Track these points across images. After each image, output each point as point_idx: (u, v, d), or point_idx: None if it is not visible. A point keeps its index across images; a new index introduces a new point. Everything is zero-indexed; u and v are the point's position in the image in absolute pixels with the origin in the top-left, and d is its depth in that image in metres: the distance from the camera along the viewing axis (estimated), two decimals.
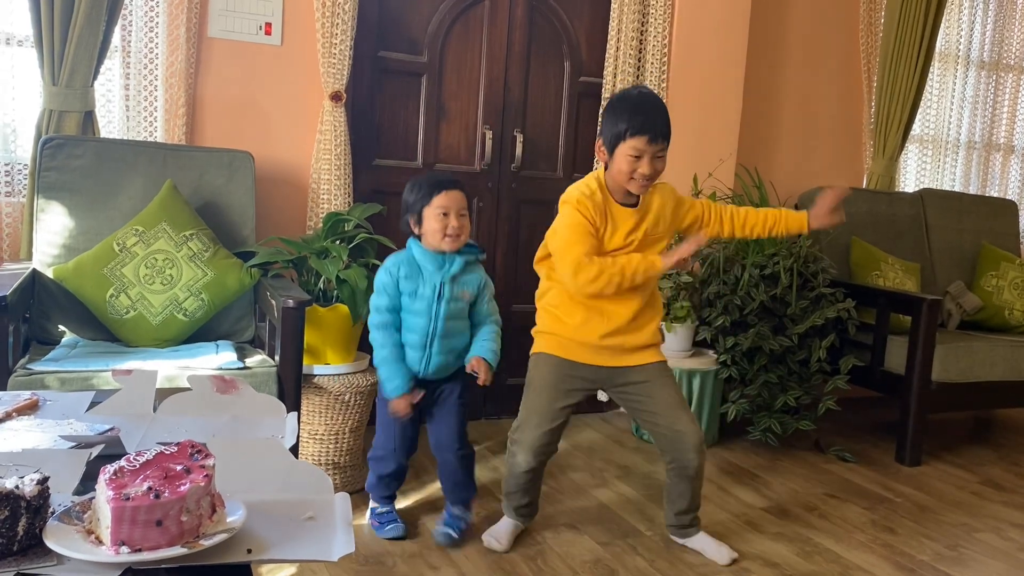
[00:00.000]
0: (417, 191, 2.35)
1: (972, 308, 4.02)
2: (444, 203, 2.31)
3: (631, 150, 2.24)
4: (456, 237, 2.32)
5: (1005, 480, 3.41)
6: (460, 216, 2.33)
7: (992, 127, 4.81)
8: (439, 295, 2.33)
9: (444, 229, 2.31)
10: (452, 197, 2.32)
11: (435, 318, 2.34)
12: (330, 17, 3.10)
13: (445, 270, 2.34)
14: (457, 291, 2.36)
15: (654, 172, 2.27)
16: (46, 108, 2.79)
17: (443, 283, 2.34)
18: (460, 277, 2.37)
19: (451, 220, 2.31)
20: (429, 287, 2.33)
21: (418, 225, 2.35)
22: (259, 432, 1.53)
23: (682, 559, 2.49)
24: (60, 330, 2.60)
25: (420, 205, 2.33)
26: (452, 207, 2.31)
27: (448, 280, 2.34)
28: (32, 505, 1.07)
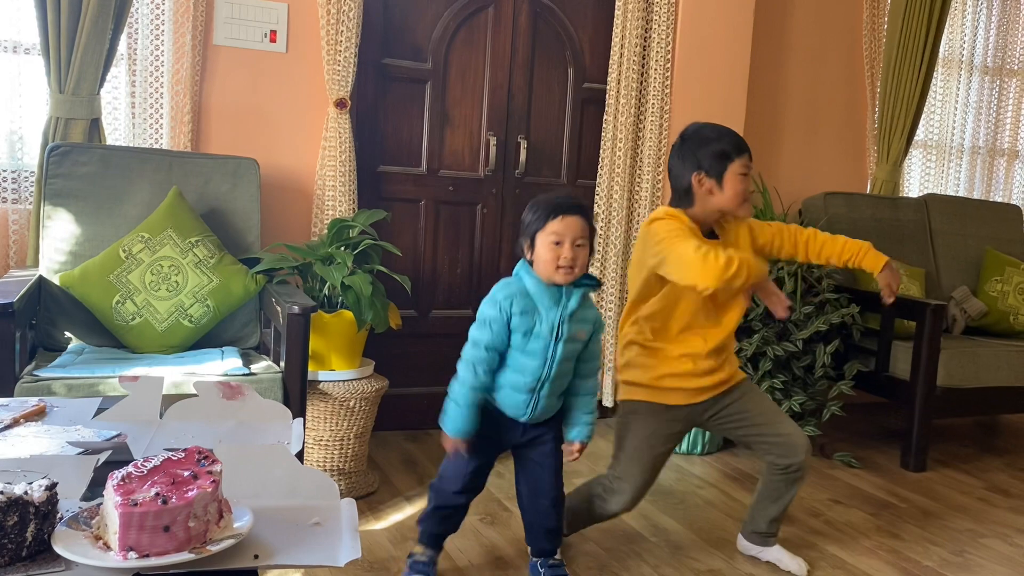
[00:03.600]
0: (534, 212, 2.07)
1: (977, 313, 4.02)
2: (558, 230, 2.01)
3: (742, 168, 2.25)
4: (570, 269, 2.02)
5: (1011, 486, 3.40)
6: (577, 246, 2.02)
7: (996, 132, 4.81)
8: (557, 335, 2.06)
9: (556, 259, 2.01)
10: (569, 224, 2.02)
11: (551, 361, 2.06)
12: (335, 24, 3.11)
13: (563, 305, 2.06)
14: (575, 330, 2.08)
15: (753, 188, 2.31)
16: (52, 115, 2.80)
17: (561, 321, 2.05)
18: (577, 314, 2.08)
19: (564, 250, 2.01)
20: (547, 325, 2.04)
21: (531, 250, 2.07)
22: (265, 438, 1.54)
23: (688, 566, 2.49)
24: (66, 337, 2.61)
25: (534, 228, 2.05)
26: (567, 235, 2.01)
27: (567, 318, 2.06)
28: (40, 511, 1.08)
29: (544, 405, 2.12)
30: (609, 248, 3.64)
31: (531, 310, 2.05)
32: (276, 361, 2.58)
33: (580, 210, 2.05)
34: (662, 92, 3.65)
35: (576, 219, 2.04)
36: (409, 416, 3.55)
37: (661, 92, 3.65)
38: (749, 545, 2.54)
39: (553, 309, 2.05)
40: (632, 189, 3.68)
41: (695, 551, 2.59)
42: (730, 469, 3.36)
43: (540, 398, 2.10)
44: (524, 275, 2.08)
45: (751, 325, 3.38)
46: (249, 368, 2.45)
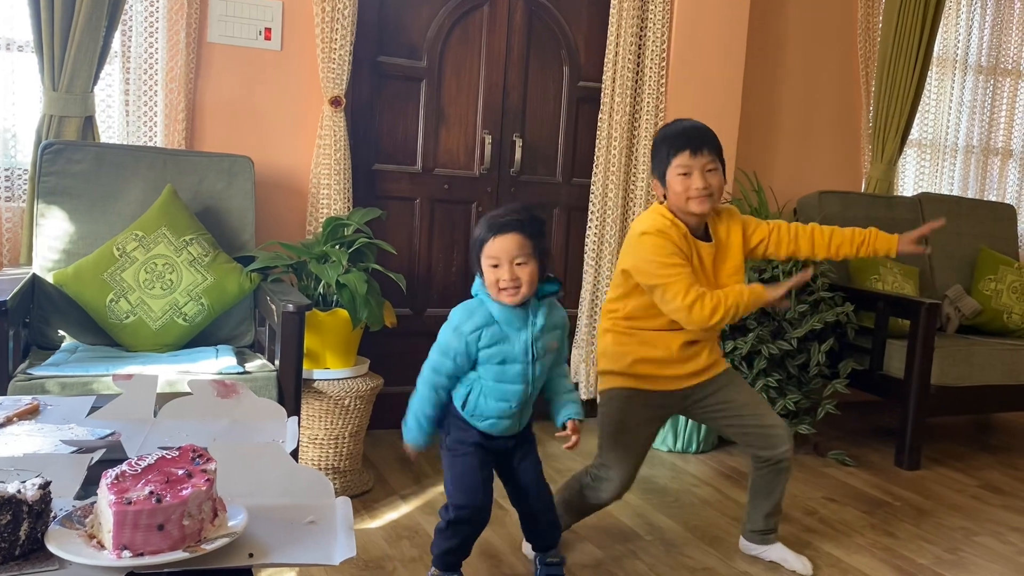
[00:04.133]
0: (476, 233, 1.99)
1: (971, 312, 4.03)
2: (493, 253, 1.94)
3: (679, 168, 2.23)
4: (515, 290, 1.94)
5: (1004, 484, 3.41)
6: (516, 265, 1.92)
7: (990, 131, 4.82)
8: (532, 356, 1.99)
9: (495, 283, 1.94)
10: (501, 244, 1.92)
11: (532, 381, 2.02)
12: (329, 22, 3.11)
13: (532, 325, 1.99)
14: (548, 344, 2.03)
15: (707, 185, 2.23)
16: (46, 113, 2.79)
17: (533, 341, 1.99)
18: (546, 328, 2.01)
19: (502, 272, 1.93)
20: (520, 348, 1.98)
21: (479, 272, 2.00)
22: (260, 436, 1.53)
23: (683, 564, 2.49)
24: (60, 335, 2.60)
25: (476, 252, 1.98)
26: (503, 257, 1.93)
27: (538, 335, 2.00)
28: (34, 510, 1.07)
29: (525, 416, 2.11)
30: (604, 247, 3.64)
31: (501, 338, 1.98)
32: (271, 359, 2.57)
33: (517, 225, 1.94)
34: (657, 91, 3.65)
35: (511, 236, 1.93)
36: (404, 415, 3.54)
37: (656, 91, 3.65)
38: (750, 545, 2.55)
39: (523, 330, 1.98)
40: (627, 188, 3.68)
41: (690, 549, 2.59)
42: (725, 467, 3.37)
43: (523, 416, 2.10)
44: (485, 298, 2.00)
45: (746, 324, 3.39)
46: (244, 366, 2.44)
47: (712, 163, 2.25)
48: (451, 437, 2.10)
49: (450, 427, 2.10)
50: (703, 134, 2.27)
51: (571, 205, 3.78)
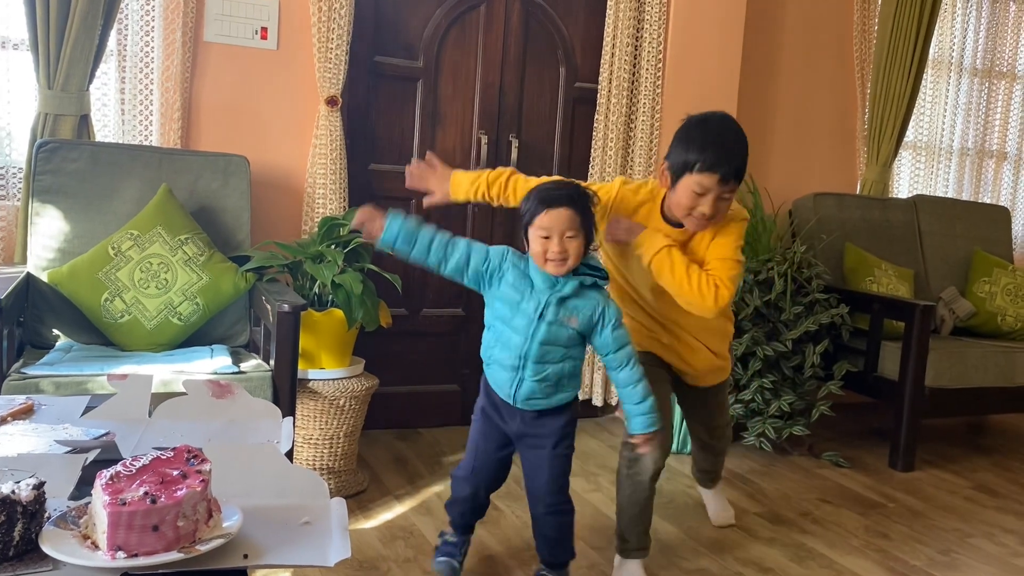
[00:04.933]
0: (526, 204, 2.04)
1: (965, 314, 4.04)
2: (545, 223, 1.97)
3: (696, 186, 2.09)
4: (561, 261, 1.98)
5: (998, 486, 3.42)
6: (567, 239, 1.97)
7: (985, 134, 4.83)
8: (541, 314, 2.01)
9: (544, 253, 1.98)
10: (555, 216, 1.97)
11: (531, 338, 2.02)
12: (326, 22, 3.10)
13: (556, 290, 2.01)
14: (563, 315, 2.02)
15: (715, 213, 2.11)
16: (41, 111, 2.78)
17: (548, 303, 2.01)
18: (570, 301, 2.02)
19: (552, 244, 1.97)
20: (532, 304, 2.02)
21: (526, 241, 2.04)
22: (255, 437, 1.53)
23: (677, 565, 2.50)
24: (54, 334, 2.60)
25: (525, 221, 2.03)
26: (555, 228, 1.97)
27: (555, 301, 2.01)
28: (28, 510, 1.07)
29: (528, 388, 2.06)
30: None
31: (524, 286, 2.03)
32: (266, 359, 2.57)
33: (569, 200, 1.99)
34: (653, 92, 3.65)
35: (563, 211, 1.97)
36: (399, 415, 3.55)
37: (652, 92, 3.65)
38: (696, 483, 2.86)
39: (545, 291, 2.02)
40: None
41: (684, 551, 2.59)
42: None
43: (524, 377, 2.05)
44: (530, 259, 2.06)
45: (741, 325, 3.39)
46: (238, 366, 2.44)
47: (729, 192, 2.12)
48: (477, 401, 2.23)
49: (480, 390, 2.23)
50: (737, 158, 2.12)
51: None
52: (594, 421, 3.86)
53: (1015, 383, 3.68)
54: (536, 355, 2.03)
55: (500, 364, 2.08)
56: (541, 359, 2.04)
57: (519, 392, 2.07)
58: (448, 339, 3.63)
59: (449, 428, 3.60)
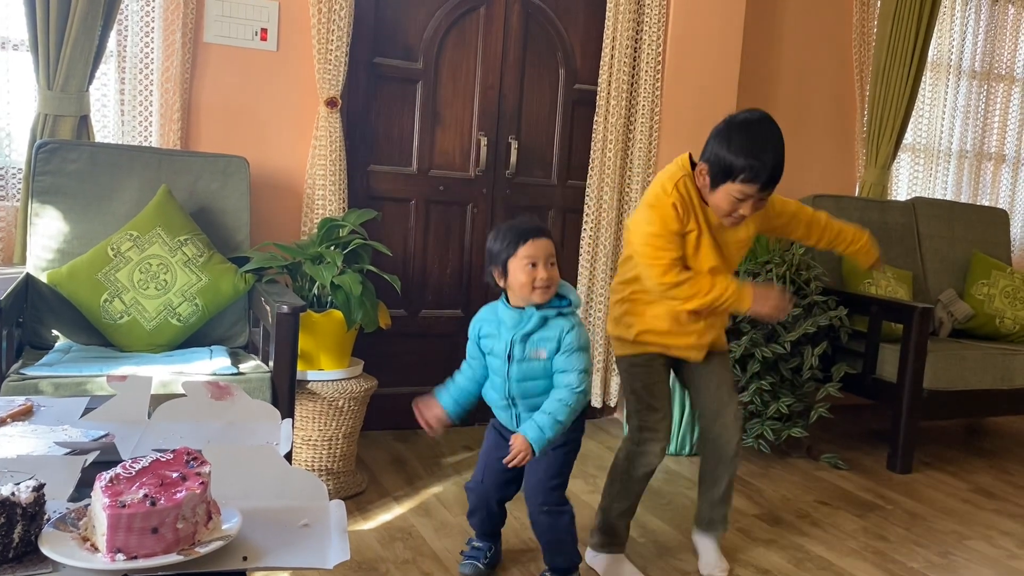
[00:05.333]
0: (501, 240, 2.12)
1: (963, 316, 4.04)
2: (531, 252, 2.08)
3: (737, 193, 2.14)
4: (546, 289, 2.09)
5: (996, 488, 3.43)
6: (549, 266, 2.09)
7: (983, 136, 4.84)
8: (509, 355, 2.12)
9: (532, 281, 2.07)
10: (539, 246, 2.08)
11: (508, 379, 2.14)
12: (326, 23, 3.11)
13: (520, 328, 2.11)
14: (530, 350, 2.11)
15: (751, 215, 2.21)
16: (41, 112, 2.78)
17: (513, 342, 2.11)
18: (535, 335, 2.10)
19: (539, 271, 2.07)
20: (501, 345, 2.13)
21: (503, 277, 2.12)
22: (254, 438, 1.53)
23: (675, 567, 2.50)
24: (54, 335, 2.60)
25: (505, 255, 2.10)
26: (540, 256, 2.08)
27: (519, 339, 2.10)
28: (28, 512, 1.07)
29: (525, 420, 2.12)
30: (599, 249, 3.65)
31: (495, 333, 2.17)
32: (265, 360, 2.57)
33: (547, 233, 2.14)
34: (652, 94, 3.66)
35: (545, 241, 2.11)
36: (398, 416, 3.54)
37: (651, 94, 3.65)
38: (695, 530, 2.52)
39: (510, 331, 2.12)
40: (622, 190, 3.69)
41: (682, 552, 2.60)
42: None
43: (519, 412, 2.18)
44: (500, 300, 2.20)
45: (739, 327, 3.40)
46: (238, 367, 2.44)
47: (767, 195, 2.19)
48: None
49: None
50: (779, 167, 2.16)
51: (566, 207, 3.79)
52: (593, 423, 3.86)
53: (1013, 385, 3.69)
54: (519, 392, 2.15)
55: (495, 404, 2.24)
56: (525, 395, 2.15)
57: (520, 423, 2.18)
58: (447, 340, 3.63)
59: (448, 430, 3.60)
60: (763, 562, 2.56)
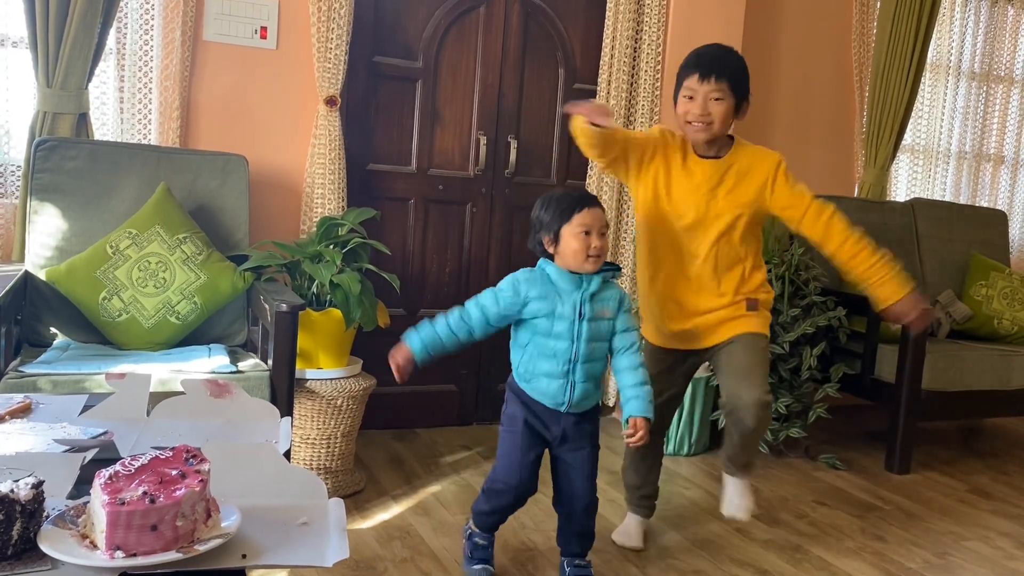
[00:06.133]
0: (555, 208, 2.12)
1: (962, 317, 4.05)
2: (586, 221, 2.08)
3: (685, 91, 2.25)
4: (598, 258, 2.10)
5: (993, 489, 3.43)
6: (601, 235, 2.10)
7: (982, 138, 4.84)
8: (580, 313, 2.10)
9: (587, 249, 2.08)
10: (594, 214, 2.10)
11: (577, 339, 2.10)
12: (325, 22, 3.10)
13: (584, 288, 2.11)
14: (598, 309, 2.12)
15: (705, 112, 2.24)
16: (40, 110, 2.78)
17: (583, 301, 2.10)
18: (599, 294, 2.13)
19: (593, 239, 2.08)
20: (568, 306, 2.10)
21: (554, 244, 2.12)
22: (253, 437, 1.53)
23: (673, 567, 2.50)
24: (52, 332, 2.60)
25: (558, 224, 2.10)
26: (595, 225, 2.09)
27: (588, 298, 2.11)
28: (27, 509, 1.07)
29: (581, 391, 2.14)
30: None
31: (551, 294, 2.11)
32: (263, 359, 2.57)
33: (598, 202, 2.15)
34: (652, 93, 3.66)
35: (598, 210, 2.12)
36: (396, 415, 3.55)
37: (651, 93, 3.65)
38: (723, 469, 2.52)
39: (575, 291, 2.11)
40: (621, 190, 3.69)
41: (680, 552, 2.60)
42: (716, 470, 3.37)
43: (576, 381, 2.13)
44: (545, 265, 2.15)
45: None
46: (236, 366, 2.44)
47: (719, 92, 2.24)
48: (507, 411, 2.23)
49: (507, 399, 2.23)
50: (719, 59, 2.26)
51: None
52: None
53: (1011, 386, 3.69)
54: (585, 355, 2.12)
55: (548, 375, 2.13)
56: (589, 357, 2.13)
57: (574, 396, 2.14)
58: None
59: (446, 428, 3.61)
60: (761, 562, 2.56)
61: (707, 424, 3.55)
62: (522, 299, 2.11)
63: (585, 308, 2.11)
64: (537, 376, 2.14)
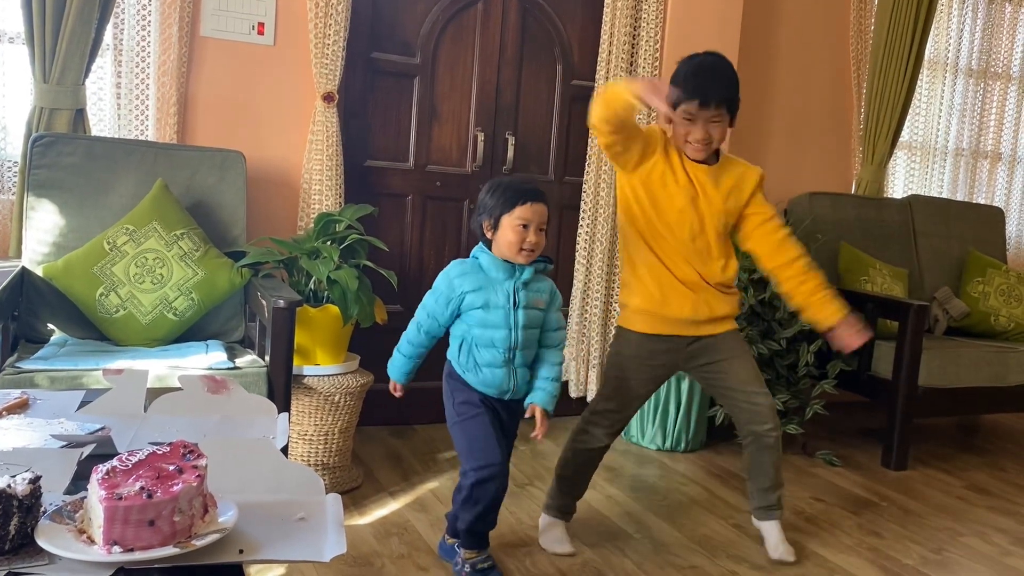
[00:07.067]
0: (499, 196, 2.14)
1: (959, 314, 4.05)
2: (526, 215, 2.11)
3: (684, 113, 2.30)
4: (531, 252, 2.13)
5: (990, 485, 3.44)
6: (539, 231, 2.13)
7: (980, 134, 4.84)
8: (514, 302, 2.14)
9: (520, 243, 2.11)
10: (535, 210, 2.12)
11: (515, 327, 2.14)
12: (323, 18, 3.10)
13: (516, 277, 2.15)
14: (531, 298, 2.17)
15: (707, 137, 2.31)
16: (37, 105, 2.78)
17: (516, 289, 2.14)
18: (531, 284, 2.17)
19: (530, 234, 2.11)
20: (502, 295, 2.13)
21: (492, 230, 2.15)
22: (250, 432, 1.53)
23: (671, 562, 2.50)
24: (49, 328, 2.59)
25: (499, 212, 2.13)
26: (533, 220, 2.11)
27: (520, 286, 2.15)
28: (24, 504, 1.07)
29: (522, 376, 2.19)
30: (595, 245, 3.65)
31: (485, 285, 2.14)
32: (261, 355, 2.57)
33: (544, 197, 2.16)
34: None
35: (541, 206, 2.14)
36: (394, 411, 3.54)
37: None
38: (755, 521, 2.64)
39: (507, 280, 2.15)
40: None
41: (678, 548, 2.60)
42: (713, 467, 3.38)
43: (516, 368, 2.18)
44: (479, 254, 2.19)
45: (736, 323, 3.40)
46: (234, 362, 2.44)
47: (718, 116, 2.31)
48: (456, 401, 2.21)
49: (453, 392, 2.23)
50: (715, 82, 2.30)
51: (563, 203, 3.78)
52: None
53: (1007, 383, 3.70)
54: (523, 341, 2.16)
55: (490, 365, 2.16)
56: (527, 344, 2.18)
57: (517, 384, 2.19)
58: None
59: (444, 425, 3.59)
60: (758, 558, 2.57)
61: (704, 420, 3.56)
62: (457, 294, 2.15)
63: (519, 296, 2.15)
64: (479, 367, 2.17)
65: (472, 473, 2.14)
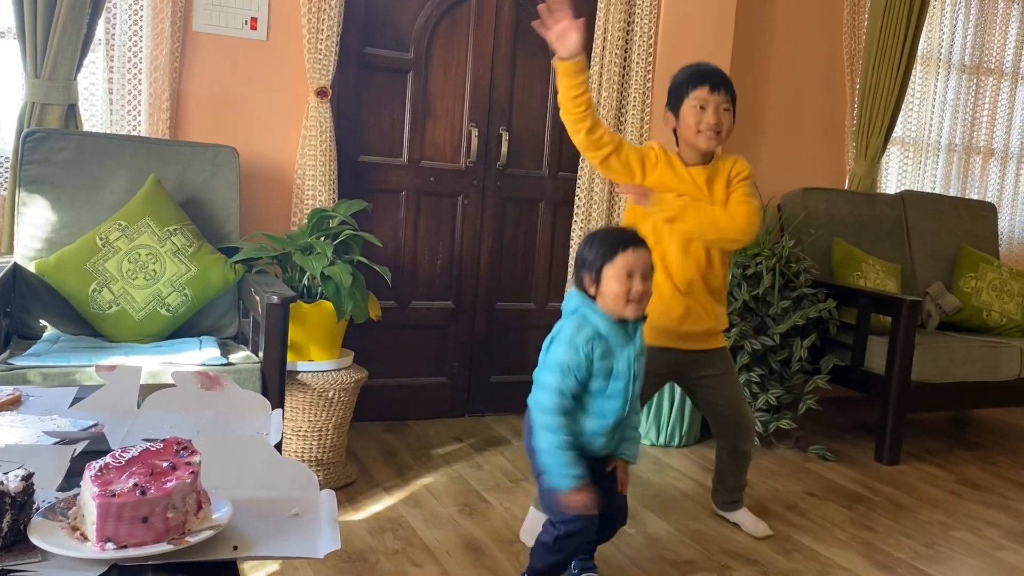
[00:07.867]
0: (597, 247, 2.01)
1: (951, 309, 4.07)
2: (629, 263, 1.97)
3: (695, 101, 2.41)
4: (639, 303, 1.98)
5: (982, 479, 3.45)
6: (644, 279, 1.99)
7: (972, 130, 4.86)
8: (633, 374, 2.01)
9: (627, 293, 1.96)
10: (639, 256, 1.99)
11: (629, 399, 2.01)
12: (316, 13, 3.09)
13: (634, 344, 2.01)
14: (642, 365, 2.06)
15: (719, 123, 2.41)
16: (28, 100, 2.76)
17: (636, 359, 2.01)
18: (642, 349, 2.05)
19: (635, 283, 1.97)
20: (623, 364, 1.99)
21: (595, 284, 2.00)
22: (244, 429, 1.53)
23: (664, 557, 2.51)
24: (41, 325, 2.59)
25: (600, 263, 1.98)
26: (637, 267, 1.98)
27: (636, 357, 2.02)
28: (17, 501, 1.06)
29: (618, 439, 2.09)
30: None
31: (609, 352, 1.99)
32: (255, 351, 2.56)
33: (646, 244, 2.04)
34: (643, 86, 3.65)
35: (644, 252, 2.01)
36: (388, 407, 3.55)
37: (643, 86, 3.65)
38: (718, 510, 2.81)
39: (626, 347, 2.01)
40: (612, 183, 3.69)
41: (671, 543, 2.61)
42: (707, 462, 3.38)
43: (617, 435, 2.08)
44: (590, 313, 2.00)
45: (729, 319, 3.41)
46: (227, 358, 2.43)
47: (727, 104, 2.43)
48: None
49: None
50: (723, 76, 2.46)
51: (557, 199, 3.78)
52: None
53: (1000, 378, 3.71)
54: (630, 412, 2.06)
55: (594, 433, 2.02)
56: (632, 412, 2.08)
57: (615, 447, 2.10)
58: (437, 331, 3.63)
59: (438, 420, 3.61)
60: (752, 553, 2.58)
61: (697, 416, 3.57)
62: (588, 363, 1.97)
63: (636, 365, 2.01)
64: (582, 433, 2.01)
65: (563, 525, 2.01)
